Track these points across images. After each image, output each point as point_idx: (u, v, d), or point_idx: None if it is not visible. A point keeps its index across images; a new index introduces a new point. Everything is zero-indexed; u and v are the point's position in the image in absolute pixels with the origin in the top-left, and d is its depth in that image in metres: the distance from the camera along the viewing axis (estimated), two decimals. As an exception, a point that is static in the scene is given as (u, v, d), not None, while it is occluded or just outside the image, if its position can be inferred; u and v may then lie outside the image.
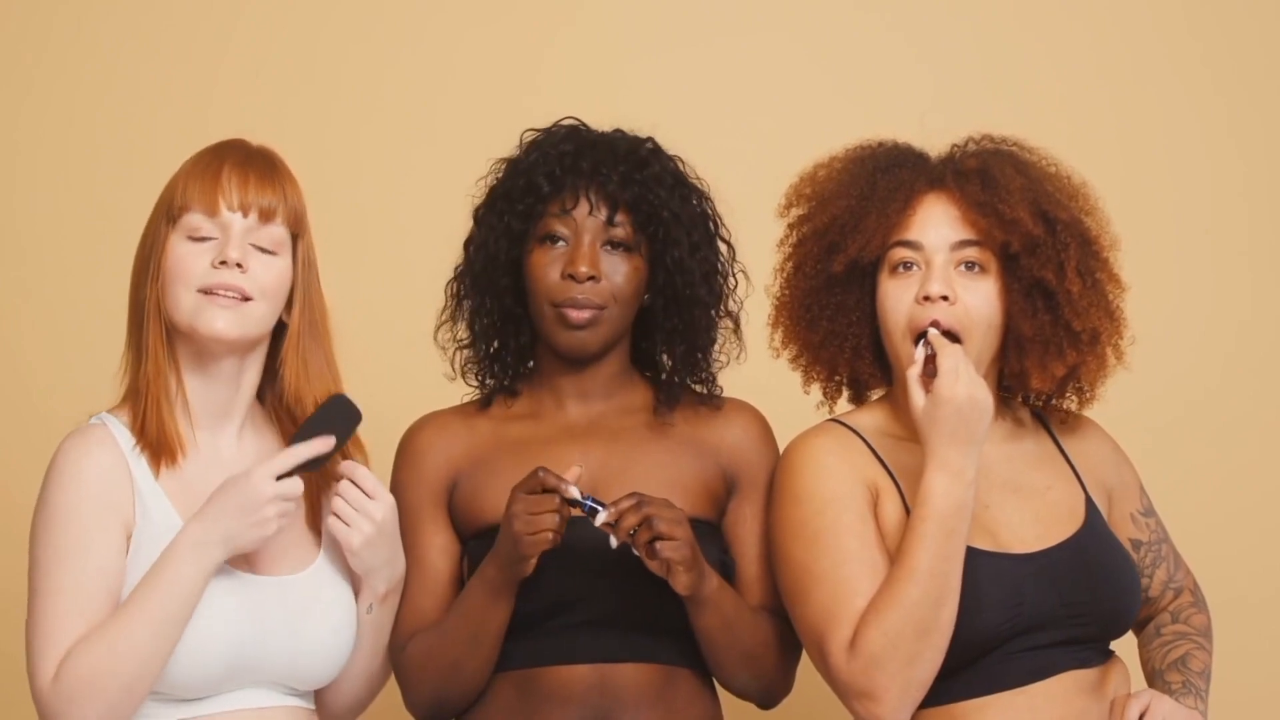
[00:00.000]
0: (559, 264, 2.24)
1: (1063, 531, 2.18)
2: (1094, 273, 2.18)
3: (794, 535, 2.15)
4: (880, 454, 2.19)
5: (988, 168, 2.19)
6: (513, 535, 2.10)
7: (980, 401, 2.06)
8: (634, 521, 2.08)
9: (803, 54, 3.15)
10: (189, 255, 2.07)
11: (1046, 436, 2.29)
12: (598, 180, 2.24)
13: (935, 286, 2.14)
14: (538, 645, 2.21)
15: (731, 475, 2.29)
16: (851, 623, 2.07)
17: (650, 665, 2.21)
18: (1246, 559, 3.05)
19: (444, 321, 2.34)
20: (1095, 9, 3.15)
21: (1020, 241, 2.14)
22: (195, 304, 2.06)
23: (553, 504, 2.08)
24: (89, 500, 2.03)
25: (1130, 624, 2.25)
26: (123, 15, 3.13)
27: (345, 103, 3.11)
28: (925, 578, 2.05)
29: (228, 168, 2.10)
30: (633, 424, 2.28)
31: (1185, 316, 3.08)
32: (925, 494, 2.06)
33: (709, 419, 2.32)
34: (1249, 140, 3.13)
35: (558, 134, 2.29)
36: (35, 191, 3.13)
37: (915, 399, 2.07)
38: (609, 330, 2.26)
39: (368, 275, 3.01)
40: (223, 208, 2.08)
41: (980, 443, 2.08)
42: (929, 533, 2.05)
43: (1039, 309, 2.16)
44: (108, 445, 2.06)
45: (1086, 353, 2.17)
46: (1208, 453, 3.07)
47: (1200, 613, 2.35)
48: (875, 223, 2.18)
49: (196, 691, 2.04)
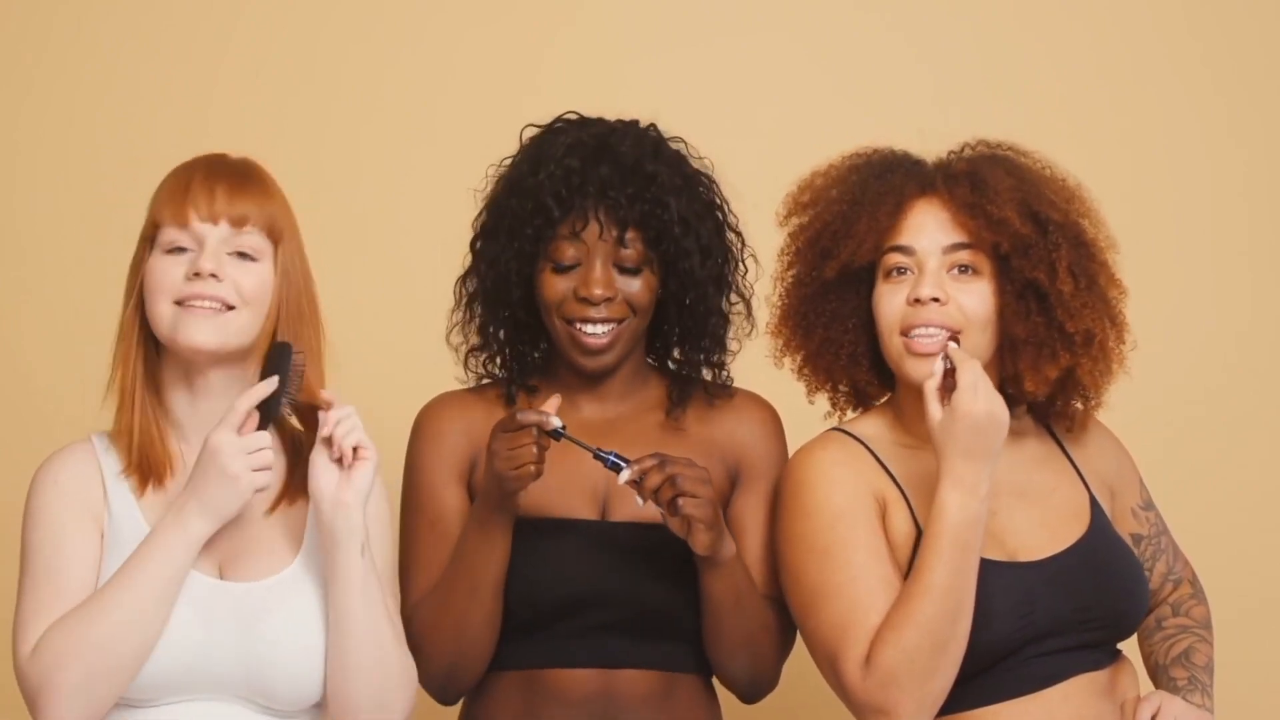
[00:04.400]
0: (571, 284, 2.24)
1: (1070, 535, 2.18)
2: (1090, 274, 2.17)
3: (805, 551, 2.15)
4: (886, 463, 2.18)
5: (977, 170, 2.19)
6: (496, 474, 2.10)
7: (998, 417, 2.06)
8: (658, 480, 2.09)
9: (803, 54, 3.14)
10: (165, 268, 2.06)
11: (1048, 436, 2.29)
12: (607, 202, 2.23)
13: (926, 289, 2.14)
14: (543, 648, 2.21)
15: (735, 469, 2.30)
16: (866, 639, 2.07)
17: (653, 672, 2.22)
18: (1253, 562, 3.05)
19: (455, 325, 2.33)
20: (1096, 9, 3.14)
21: (1010, 242, 2.14)
22: (174, 316, 2.05)
23: (530, 437, 2.08)
24: (62, 498, 2.05)
25: (1139, 623, 2.25)
26: (123, 15, 3.13)
27: (345, 103, 3.11)
28: (941, 594, 2.04)
29: (197, 179, 2.08)
30: (646, 425, 2.28)
31: (1186, 316, 3.08)
32: (940, 509, 2.06)
33: (721, 412, 2.32)
34: (1250, 140, 3.13)
35: (560, 143, 2.26)
36: (35, 192, 3.12)
37: (932, 412, 2.06)
38: (627, 344, 2.26)
39: (367, 275, 3.01)
40: (193, 218, 2.06)
41: (996, 458, 2.07)
42: (944, 549, 2.05)
43: (1032, 310, 2.15)
44: (81, 455, 2.10)
45: (1081, 354, 2.16)
46: (1212, 455, 3.07)
47: (1200, 604, 2.35)
48: (866, 228, 2.18)
49: (151, 693, 2.03)
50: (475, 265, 2.32)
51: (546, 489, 2.21)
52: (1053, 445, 2.27)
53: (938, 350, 2.13)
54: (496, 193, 2.31)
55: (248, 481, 2.01)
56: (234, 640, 2.04)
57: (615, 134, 2.28)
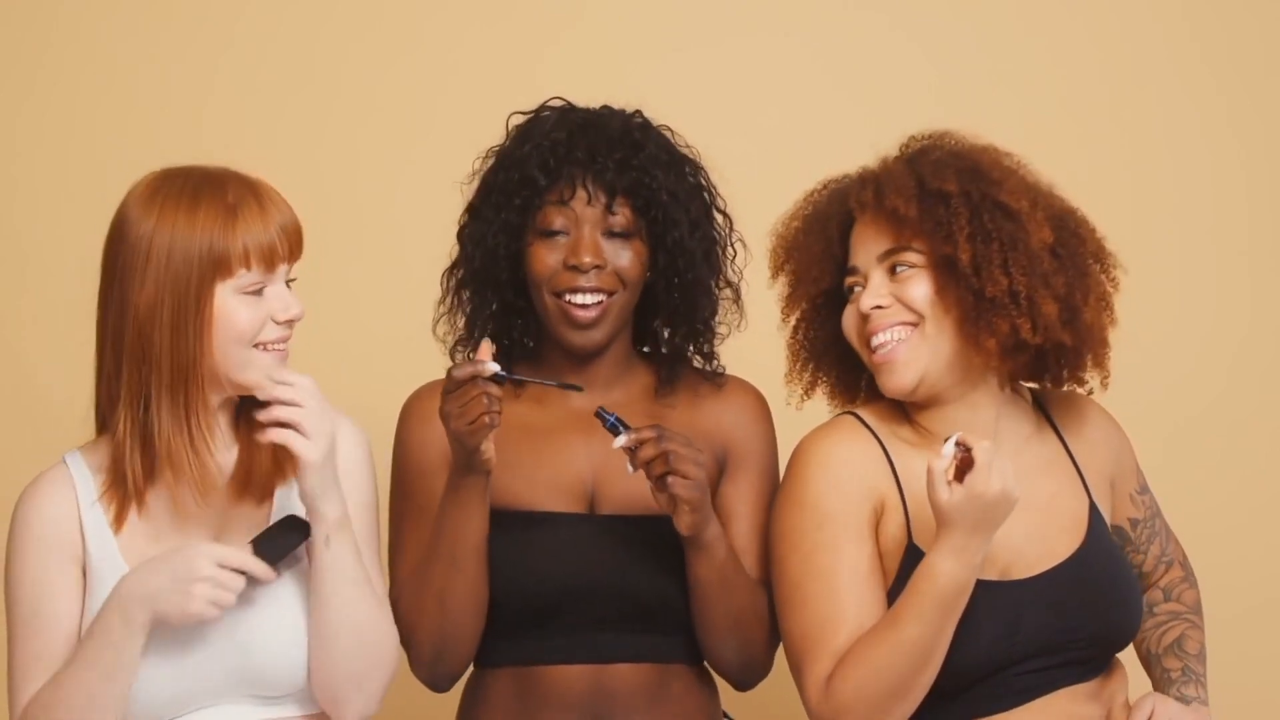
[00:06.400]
0: (560, 254, 2.23)
1: (1065, 548, 2.17)
2: (1007, 236, 2.12)
3: (792, 543, 2.15)
4: (894, 460, 2.18)
5: (887, 172, 2.19)
6: (454, 435, 2.10)
7: (1010, 495, 2.03)
8: (652, 453, 2.09)
9: (803, 54, 3.14)
10: (248, 315, 2.03)
11: (1051, 432, 2.27)
12: (594, 169, 2.23)
13: (865, 301, 2.17)
14: (535, 644, 2.21)
15: (723, 454, 2.30)
16: (831, 660, 2.08)
17: (646, 665, 2.22)
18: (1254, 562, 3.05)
19: (443, 315, 2.33)
20: (1097, 9, 3.14)
21: (911, 229, 2.14)
22: (248, 358, 2.04)
23: (476, 389, 2.08)
24: (40, 544, 2.05)
25: (1131, 640, 2.24)
26: (122, 15, 3.13)
27: (344, 102, 3.11)
28: (911, 647, 2.04)
29: (274, 223, 2.05)
30: (635, 415, 2.27)
31: (1187, 317, 3.08)
32: (931, 573, 2.04)
33: (709, 399, 2.32)
34: (1251, 139, 3.13)
35: (547, 120, 2.28)
36: (36, 192, 3.12)
37: (940, 493, 2.03)
38: (616, 319, 2.26)
39: (367, 275, 3.01)
40: (280, 268, 2.06)
41: (996, 530, 2.05)
42: (925, 609, 2.04)
43: (957, 285, 2.13)
44: (55, 488, 2.08)
45: (1015, 316, 2.11)
46: (1213, 455, 3.07)
47: (1190, 587, 2.35)
48: (826, 265, 2.22)
49: (162, 711, 2.05)
50: (462, 249, 2.32)
51: (533, 483, 2.22)
52: (1055, 444, 2.26)
53: (900, 359, 2.13)
54: (483, 173, 2.31)
55: (199, 608, 1.99)
56: (222, 642, 2.05)
57: (602, 114, 2.29)
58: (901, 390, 2.15)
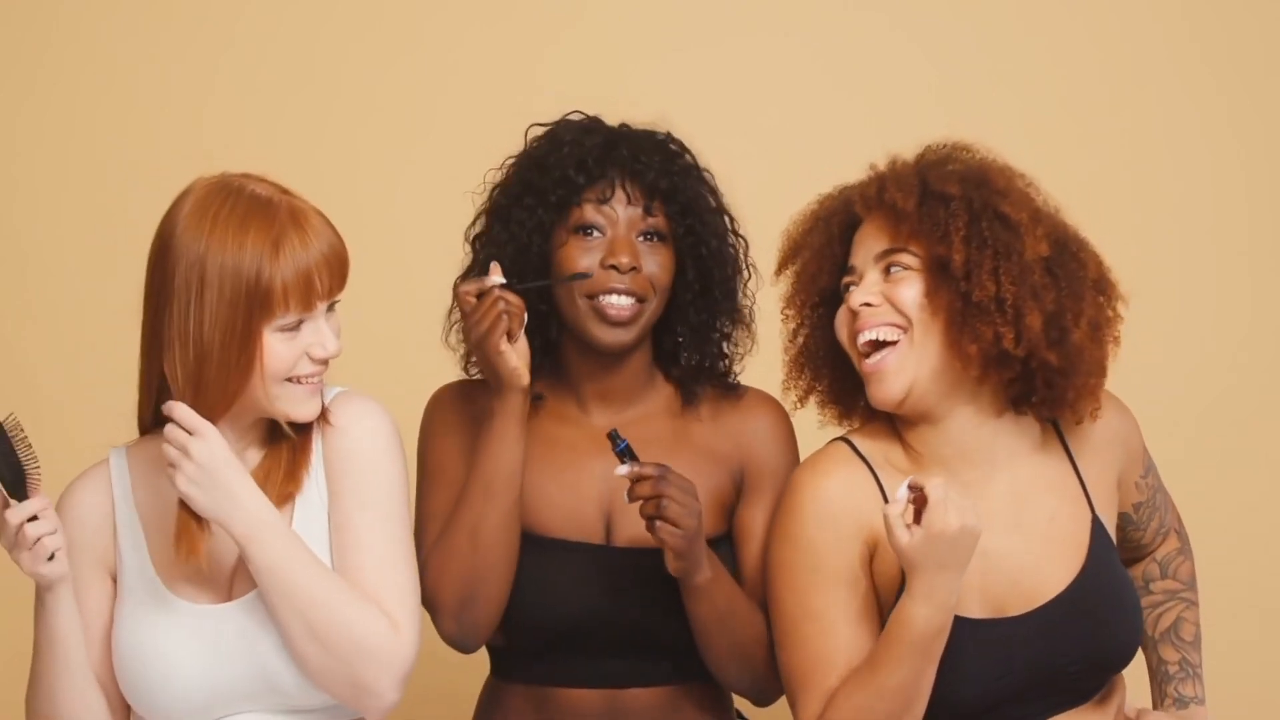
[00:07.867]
0: (596, 254, 2.21)
1: (1064, 575, 2.13)
2: (1001, 244, 2.10)
3: (786, 580, 2.14)
4: (885, 490, 2.14)
5: (890, 175, 2.19)
6: (476, 345, 2.16)
7: (972, 528, 2.01)
8: (647, 492, 2.07)
9: (803, 54, 3.14)
10: (284, 352, 2.03)
11: (1058, 448, 2.23)
12: (636, 169, 2.22)
13: (855, 298, 2.15)
14: (549, 668, 2.22)
15: (741, 473, 2.28)
16: (821, 700, 2.08)
17: (659, 688, 2.23)
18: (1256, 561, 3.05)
19: (454, 324, 2.30)
20: (1097, 10, 3.14)
21: (910, 227, 2.14)
22: (280, 391, 2.05)
23: (489, 300, 2.13)
24: (74, 549, 2.06)
25: (1129, 662, 2.19)
26: (123, 15, 3.13)
27: (344, 102, 3.11)
28: (893, 693, 2.03)
29: (317, 262, 2.03)
30: (655, 433, 2.26)
31: (1187, 317, 3.08)
32: (905, 620, 2.02)
33: (729, 413, 2.30)
34: (1251, 139, 3.13)
35: (576, 127, 2.27)
36: (36, 192, 3.13)
37: (900, 537, 2.01)
38: (646, 323, 2.24)
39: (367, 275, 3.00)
40: (318, 306, 2.05)
41: (966, 565, 2.03)
42: (904, 655, 2.03)
43: (947, 290, 2.11)
44: (93, 489, 2.11)
45: (1000, 324, 2.08)
46: (1213, 455, 3.07)
47: (1186, 559, 2.34)
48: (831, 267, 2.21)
49: (198, 716, 2.05)
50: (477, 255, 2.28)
51: (553, 506, 2.21)
52: (1060, 459, 2.21)
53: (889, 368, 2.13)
54: (509, 178, 2.29)
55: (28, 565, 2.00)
56: (244, 655, 2.04)
57: (632, 128, 2.29)
58: (890, 400, 2.13)
